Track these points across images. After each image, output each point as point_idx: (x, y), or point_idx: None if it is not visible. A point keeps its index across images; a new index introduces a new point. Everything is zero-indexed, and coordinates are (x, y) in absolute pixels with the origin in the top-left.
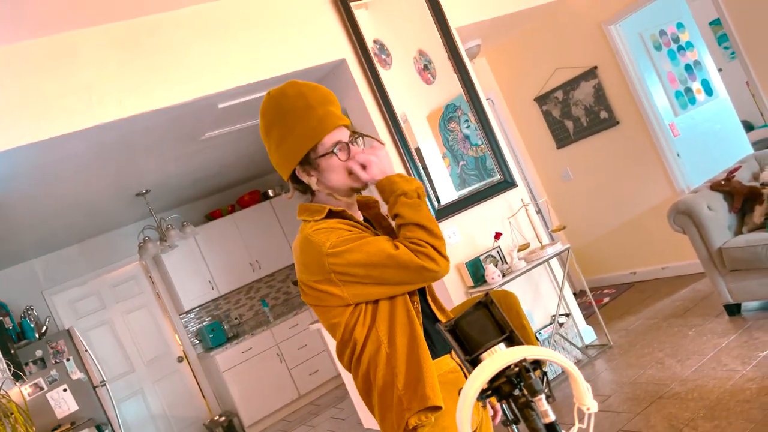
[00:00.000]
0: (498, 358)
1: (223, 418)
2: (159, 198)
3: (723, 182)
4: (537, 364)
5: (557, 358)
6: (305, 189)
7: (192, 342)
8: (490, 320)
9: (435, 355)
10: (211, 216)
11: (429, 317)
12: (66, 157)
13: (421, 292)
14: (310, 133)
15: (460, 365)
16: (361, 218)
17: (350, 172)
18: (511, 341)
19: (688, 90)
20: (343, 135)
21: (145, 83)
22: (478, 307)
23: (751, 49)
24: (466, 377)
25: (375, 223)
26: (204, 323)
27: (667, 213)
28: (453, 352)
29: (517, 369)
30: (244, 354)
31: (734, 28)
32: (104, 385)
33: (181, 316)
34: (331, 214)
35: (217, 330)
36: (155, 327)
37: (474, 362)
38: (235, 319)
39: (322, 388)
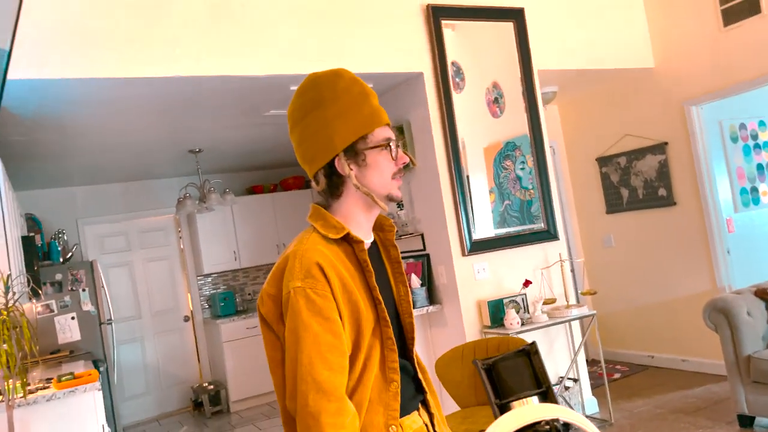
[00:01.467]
0: (533, 410)
1: (211, 387)
2: (209, 160)
3: None
4: (567, 426)
5: (592, 429)
6: (334, 187)
7: (202, 305)
8: (529, 370)
9: (404, 412)
10: (253, 190)
11: (407, 373)
12: (134, 99)
13: (402, 346)
14: (363, 120)
15: (426, 424)
16: (370, 240)
17: (392, 178)
18: (546, 397)
19: (755, 189)
20: (391, 134)
21: (227, 48)
22: (520, 354)
23: None
24: None
25: (383, 249)
26: (218, 290)
27: (703, 307)
28: (421, 409)
29: (547, 427)
30: (249, 330)
31: None
32: (110, 323)
33: (199, 278)
34: (346, 239)
35: (229, 300)
36: (171, 282)
37: (503, 408)
38: (249, 294)
39: None
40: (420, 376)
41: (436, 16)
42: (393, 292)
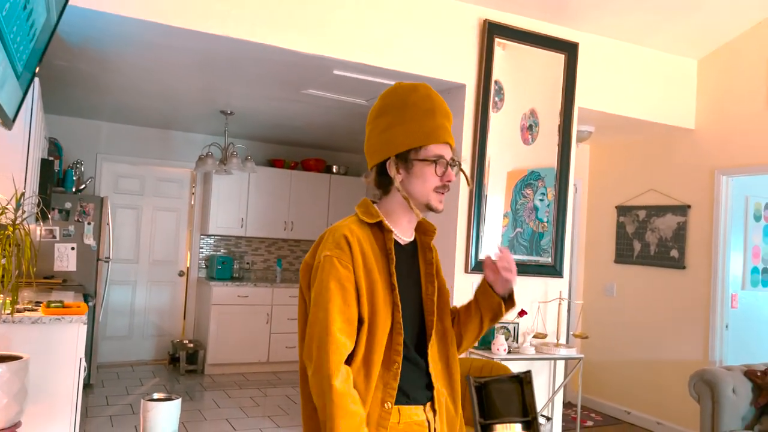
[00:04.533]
0: None
1: (191, 345)
2: (237, 124)
3: (759, 374)
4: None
5: None
6: (383, 184)
7: (199, 264)
8: (519, 397)
9: (409, 401)
10: (273, 162)
11: (419, 367)
12: (180, 50)
13: (421, 341)
14: (421, 134)
15: (429, 421)
16: (409, 238)
17: (434, 190)
18: (530, 427)
19: (765, 271)
20: (447, 153)
21: (282, 19)
22: (513, 380)
23: None
24: None
25: (420, 250)
26: (218, 253)
27: (690, 375)
28: (427, 407)
29: None
30: (239, 298)
31: None
32: (107, 261)
33: (202, 237)
34: (378, 226)
35: (227, 265)
36: (174, 234)
37: (486, 428)
38: (247, 263)
39: (290, 365)
40: (431, 371)
41: (491, 32)
42: (422, 291)
